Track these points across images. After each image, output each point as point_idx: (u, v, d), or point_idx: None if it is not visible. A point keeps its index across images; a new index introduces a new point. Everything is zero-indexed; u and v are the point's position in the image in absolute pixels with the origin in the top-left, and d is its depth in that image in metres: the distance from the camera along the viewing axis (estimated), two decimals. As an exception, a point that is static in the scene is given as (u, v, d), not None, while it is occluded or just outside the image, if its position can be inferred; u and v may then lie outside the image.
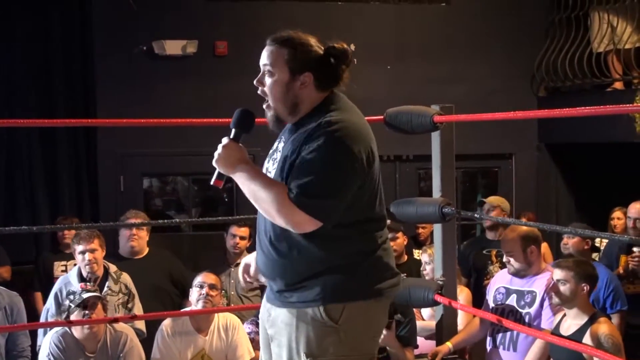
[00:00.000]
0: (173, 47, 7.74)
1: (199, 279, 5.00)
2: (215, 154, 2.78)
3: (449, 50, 8.42)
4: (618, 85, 7.80)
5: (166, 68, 7.81)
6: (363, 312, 2.83)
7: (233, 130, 2.83)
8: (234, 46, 7.86)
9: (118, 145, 7.69)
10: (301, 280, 2.81)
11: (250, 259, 3.11)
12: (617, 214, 6.83)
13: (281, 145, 2.90)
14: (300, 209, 2.68)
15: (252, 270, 3.08)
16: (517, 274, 4.67)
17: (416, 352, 4.76)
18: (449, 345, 4.50)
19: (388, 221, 5.87)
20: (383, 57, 8.28)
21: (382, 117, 4.20)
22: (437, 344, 4.55)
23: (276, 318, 2.91)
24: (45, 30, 7.62)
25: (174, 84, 7.77)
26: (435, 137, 4.26)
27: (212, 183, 2.84)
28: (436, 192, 4.27)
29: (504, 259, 4.75)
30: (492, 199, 6.59)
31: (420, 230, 6.99)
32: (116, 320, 4.73)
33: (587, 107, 3.18)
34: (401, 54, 8.37)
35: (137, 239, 5.85)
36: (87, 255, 5.28)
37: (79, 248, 5.33)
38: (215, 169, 2.84)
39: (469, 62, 8.40)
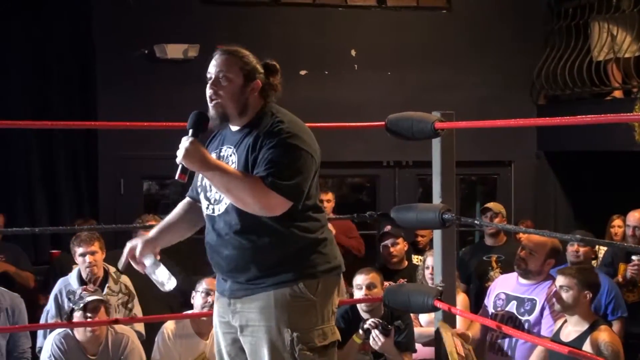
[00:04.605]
0: (174, 51, 7.73)
1: (204, 286, 4.92)
2: (182, 150, 3.01)
3: (448, 57, 8.43)
4: (617, 94, 7.82)
5: (167, 72, 7.80)
6: (331, 285, 3.16)
7: (191, 131, 3.07)
8: (235, 51, 7.87)
9: (118, 148, 7.69)
10: (276, 264, 3.05)
11: (136, 240, 3.25)
12: (617, 222, 6.84)
13: (229, 150, 3.15)
14: (275, 192, 2.94)
15: (137, 251, 3.21)
16: (524, 275, 4.69)
17: (414, 356, 4.77)
18: (469, 334, 4.53)
19: (388, 227, 5.92)
20: (383, 63, 8.30)
21: (383, 122, 4.22)
22: (435, 351, 4.55)
23: (247, 307, 3.10)
24: (47, 33, 7.62)
25: (174, 87, 7.75)
26: (436, 143, 4.27)
27: (176, 177, 3.07)
28: (436, 199, 4.28)
29: (519, 254, 4.73)
30: (495, 206, 6.62)
31: (420, 238, 6.98)
32: (116, 321, 4.73)
33: (587, 116, 3.19)
34: (401, 60, 8.38)
35: None
36: (88, 258, 5.28)
37: (79, 250, 5.32)
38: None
39: (468, 69, 8.42)
